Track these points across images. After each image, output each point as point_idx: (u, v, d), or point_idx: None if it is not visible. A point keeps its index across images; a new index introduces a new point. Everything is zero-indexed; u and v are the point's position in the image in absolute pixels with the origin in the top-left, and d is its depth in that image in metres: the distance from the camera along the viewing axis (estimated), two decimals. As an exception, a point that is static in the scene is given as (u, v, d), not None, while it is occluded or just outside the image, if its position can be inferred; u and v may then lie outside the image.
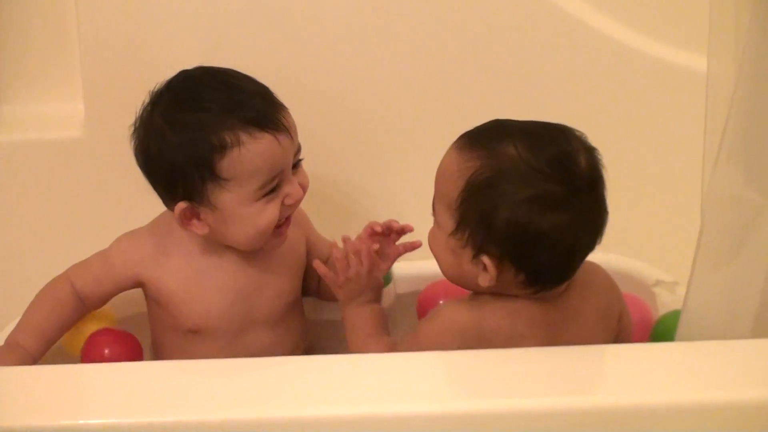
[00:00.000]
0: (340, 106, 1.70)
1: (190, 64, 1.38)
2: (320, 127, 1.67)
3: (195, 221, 1.33)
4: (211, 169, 1.28)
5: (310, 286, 1.47)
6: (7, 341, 1.33)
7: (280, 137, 1.29)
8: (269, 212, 1.31)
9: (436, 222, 1.22)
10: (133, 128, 1.33)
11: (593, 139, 1.20)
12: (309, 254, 1.44)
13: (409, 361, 1.14)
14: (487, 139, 1.18)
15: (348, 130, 1.72)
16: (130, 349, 1.37)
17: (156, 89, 1.33)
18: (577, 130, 1.19)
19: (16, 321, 1.36)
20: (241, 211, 1.31)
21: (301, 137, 1.34)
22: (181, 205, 1.31)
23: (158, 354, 1.43)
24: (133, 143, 1.33)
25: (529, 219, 1.13)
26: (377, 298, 1.34)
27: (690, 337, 1.18)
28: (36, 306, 1.37)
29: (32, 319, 1.36)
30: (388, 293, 1.51)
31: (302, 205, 1.38)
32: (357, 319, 1.32)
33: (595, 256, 1.30)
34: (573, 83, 1.66)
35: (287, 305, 1.40)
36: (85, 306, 1.39)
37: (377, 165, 1.75)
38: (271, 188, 1.30)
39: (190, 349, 1.38)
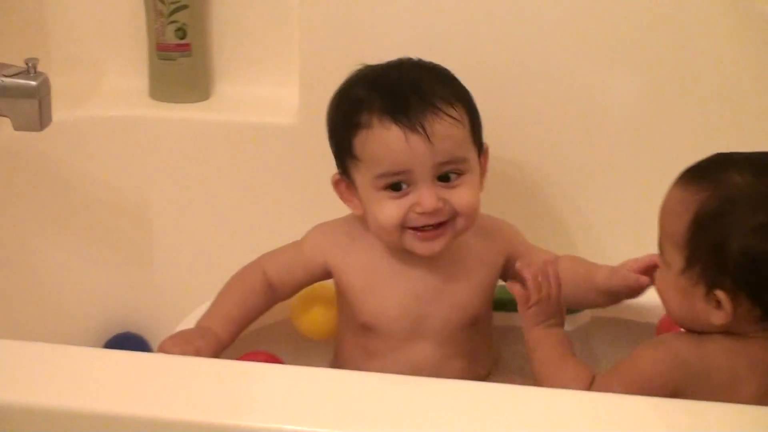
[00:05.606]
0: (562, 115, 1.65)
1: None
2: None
3: (355, 200, 1.35)
4: (349, 144, 1.31)
5: None
6: (198, 325, 1.35)
7: (410, 135, 1.27)
8: (388, 209, 1.30)
9: (663, 262, 1.20)
10: None
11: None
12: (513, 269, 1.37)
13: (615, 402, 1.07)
14: (710, 171, 1.17)
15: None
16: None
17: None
18: None
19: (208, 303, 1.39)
20: (368, 196, 1.32)
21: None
22: (335, 176, 1.36)
23: (337, 345, 1.45)
24: None
25: (765, 247, 1.10)
26: (562, 323, 1.30)
27: None
28: (227, 292, 1.39)
29: (223, 305, 1.38)
30: (584, 315, 1.49)
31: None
32: (545, 341, 1.28)
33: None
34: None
35: (462, 321, 1.37)
36: (275, 294, 1.41)
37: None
38: (391, 183, 1.29)
39: (363, 342, 1.40)
